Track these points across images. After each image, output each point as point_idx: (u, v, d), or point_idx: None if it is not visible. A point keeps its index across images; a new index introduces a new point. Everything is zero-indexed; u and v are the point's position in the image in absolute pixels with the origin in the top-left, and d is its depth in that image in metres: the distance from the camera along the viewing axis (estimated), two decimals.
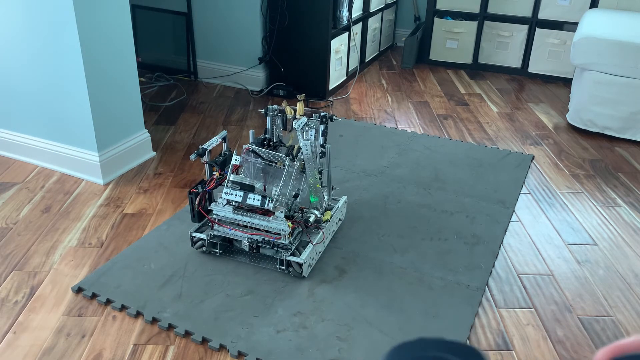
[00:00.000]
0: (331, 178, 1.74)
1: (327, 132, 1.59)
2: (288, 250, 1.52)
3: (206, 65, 3.15)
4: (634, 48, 2.45)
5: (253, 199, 1.48)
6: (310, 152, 1.52)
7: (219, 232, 1.57)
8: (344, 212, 1.82)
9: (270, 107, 1.68)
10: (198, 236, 1.60)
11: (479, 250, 1.70)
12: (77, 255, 1.63)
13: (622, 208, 2.01)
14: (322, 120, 1.63)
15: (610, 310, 1.49)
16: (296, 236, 1.57)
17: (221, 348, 1.31)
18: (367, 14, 3.40)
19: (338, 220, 1.76)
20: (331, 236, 1.72)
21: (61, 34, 1.85)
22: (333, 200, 1.79)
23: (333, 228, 1.72)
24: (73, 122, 2.00)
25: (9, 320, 1.38)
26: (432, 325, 1.39)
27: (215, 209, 1.54)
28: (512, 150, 2.44)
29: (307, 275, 1.54)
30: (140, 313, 1.40)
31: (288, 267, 1.53)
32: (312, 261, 1.57)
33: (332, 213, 1.68)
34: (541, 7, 3.36)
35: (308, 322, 1.39)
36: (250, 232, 1.52)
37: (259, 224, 1.51)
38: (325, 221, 1.64)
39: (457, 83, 3.36)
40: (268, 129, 1.70)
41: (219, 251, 1.61)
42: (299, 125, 1.55)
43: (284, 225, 1.48)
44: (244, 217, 1.51)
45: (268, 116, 1.68)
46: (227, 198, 1.50)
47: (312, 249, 1.54)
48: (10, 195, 1.93)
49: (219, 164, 1.60)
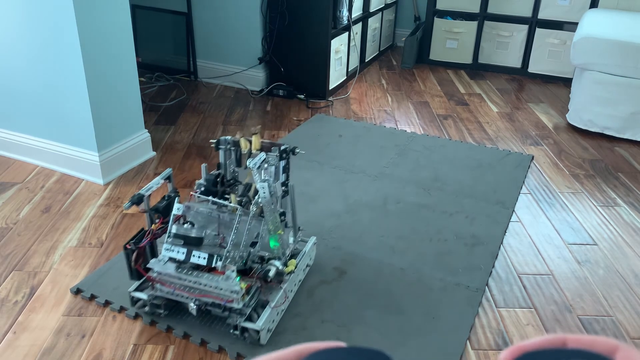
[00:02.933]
0: (297, 219, 1.51)
1: (289, 167, 1.40)
2: (242, 315, 1.29)
3: (206, 65, 3.15)
4: (634, 48, 2.45)
5: (198, 256, 1.25)
6: (268, 194, 1.29)
7: (162, 292, 1.33)
8: (312, 256, 1.59)
9: (223, 139, 1.46)
10: (138, 296, 1.38)
11: (479, 251, 1.70)
12: (77, 255, 1.63)
13: (622, 208, 2.01)
14: (282, 155, 1.40)
15: (610, 310, 1.49)
16: (253, 294, 1.31)
17: (220, 350, 1.31)
18: (367, 14, 3.40)
19: (306, 266, 1.54)
20: (297, 287, 1.48)
21: (61, 34, 1.85)
22: (300, 242, 1.55)
23: (300, 277, 1.50)
24: (73, 122, 2.00)
25: (9, 320, 1.38)
26: (431, 326, 1.39)
27: (155, 266, 1.29)
28: (512, 150, 2.44)
29: (266, 342, 1.32)
30: (138, 315, 1.40)
31: (243, 333, 1.31)
32: (273, 324, 1.34)
33: (297, 262, 1.43)
34: (541, 7, 3.36)
35: (307, 323, 1.38)
36: (198, 294, 1.28)
37: (207, 285, 1.26)
38: (289, 272, 1.38)
39: (457, 83, 3.35)
40: (221, 164, 1.48)
41: (164, 312, 1.38)
42: (255, 164, 1.32)
43: (236, 287, 1.24)
44: (189, 277, 1.27)
45: (220, 149, 1.47)
46: (167, 255, 1.28)
47: (271, 311, 1.31)
48: (10, 195, 1.94)
49: (160, 211, 1.38)
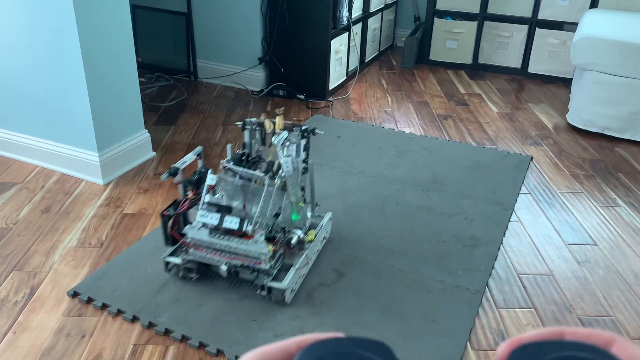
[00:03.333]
0: (315, 194, 1.66)
1: (309, 146, 1.53)
2: (269, 276, 1.43)
3: (206, 65, 3.15)
4: (634, 48, 2.45)
5: (230, 221, 1.38)
6: (291, 169, 1.43)
7: (195, 256, 1.46)
8: (329, 230, 1.72)
9: (248, 121, 1.58)
10: (172, 261, 1.50)
11: (478, 252, 1.70)
12: (77, 256, 1.63)
13: (622, 208, 2.01)
14: (304, 134, 1.53)
15: (610, 310, 1.49)
16: (278, 259, 1.46)
17: (218, 353, 1.30)
18: (367, 14, 3.40)
19: (323, 238, 1.68)
20: (315, 256, 1.62)
21: (61, 34, 1.85)
22: (317, 217, 1.69)
23: (318, 247, 1.63)
24: (73, 122, 2.00)
25: (9, 320, 1.38)
26: (431, 328, 1.39)
27: (189, 232, 1.43)
28: (511, 150, 2.44)
29: (290, 301, 1.44)
30: (136, 318, 1.39)
31: (269, 293, 1.44)
32: (295, 286, 1.48)
33: (316, 232, 1.58)
34: (541, 7, 3.36)
35: (306, 326, 1.38)
36: (228, 257, 1.41)
37: (237, 248, 1.40)
38: (309, 241, 1.54)
39: (457, 83, 3.35)
40: (246, 144, 1.60)
41: (195, 276, 1.51)
42: (279, 141, 1.44)
43: (264, 249, 1.38)
44: (220, 241, 1.40)
45: (246, 130, 1.59)
46: (202, 220, 1.40)
47: (294, 273, 1.45)
48: (10, 195, 1.94)
49: (193, 183, 1.50)
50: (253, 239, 1.38)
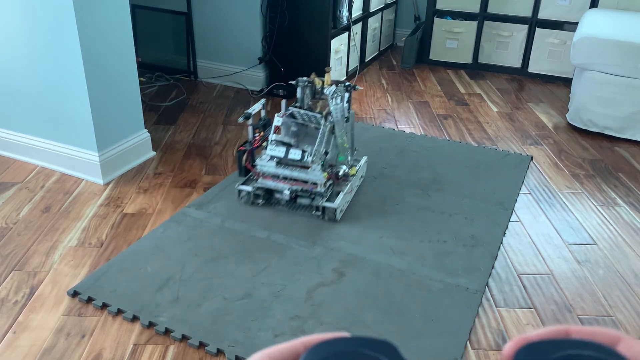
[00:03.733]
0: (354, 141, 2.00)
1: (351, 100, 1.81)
2: (324, 197, 1.79)
3: (206, 65, 3.15)
4: (634, 48, 2.44)
5: (294, 153, 1.75)
6: (339, 115, 1.77)
7: (263, 184, 1.82)
8: (364, 171, 2.09)
9: (300, 79, 1.88)
10: (244, 189, 1.85)
11: (478, 252, 1.70)
12: (77, 255, 1.63)
13: (622, 208, 2.01)
14: (347, 89, 1.88)
15: (610, 310, 1.49)
16: (328, 187, 1.82)
17: (219, 352, 1.30)
18: (367, 14, 3.40)
19: (360, 177, 2.04)
20: (355, 190, 1.98)
21: (61, 34, 1.85)
22: (355, 160, 2.04)
23: (357, 182, 1.99)
24: (73, 122, 2.00)
25: (9, 320, 1.38)
26: (430, 328, 1.39)
27: (260, 163, 1.80)
28: (512, 150, 2.44)
29: (340, 219, 1.80)
30: (136, 317, 1.39)
31: (323, 213, 1.79)
32: (343, 207, 1.85)
33: (357, 168, 1.95)
34: (541, 7, 3.36)
35: (306, 325, 1.38)
36: (291, 183, 1.78)
37: (298, 176, 1.77)
38: (352, 175, 1.90)
39: (457, 83, 3.35)
40: (299, 99, 1.88)
41: (262, 201, 1.86)
42: (330, 92, 1.78)
43: (320, 176, 1.75)
44: (284, 171, 1.78)
45: (299, 87, 1.87)
46: (271, 154, 1.77)
47: (343, 196, 1.82)
48: (10, 195, 1.94)
49: (260, 126, 1.88)
50: (311, 168, 1.74)
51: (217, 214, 1.84)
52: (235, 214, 1.84)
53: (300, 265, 1.60)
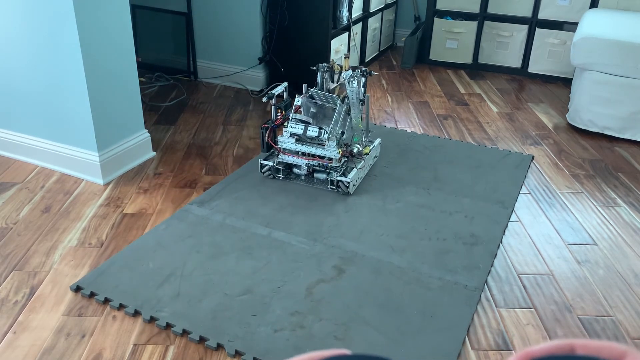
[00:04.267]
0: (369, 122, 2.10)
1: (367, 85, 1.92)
2: (338, 172, 1.94)
3: (206, 65, 3.15)
4: (634, 48, 2.45)
5: (312, 130, 1.89)
6: (355, 98, 1.91)
7: (283, 159, 1.99)
8: (378, 152, 2.22)
9: (320, 65, 2.04)
10: (266, 163, 2.02)
11: (478, 250, 1.70)
12: (77, 255, 1.63)
13: (622, 208, 2.01)
14: (363, 74, 2.02)
15: (610, 310, 1.49)
16: (343, 163, 1.97)
17: (219, 347, 1.31)
18: (367, 14, 3.40)
19: (374, 157, 2.18)
20: (369, 168, 2.12)
21: (61, 34, 1.85)
22: (369, 142, 2.16)
23: (370, 162, 2.14)
24: (73, 122, 2.00)
25: (9, 320, 1.38)
26: (429, 325, 1.39)
27: (281, 140, 1.96)
28: (512, 150, 2.44)
29: (352, 192, 1.95)
30: (138, 312, 1.40)
31: (337, 186, 1.93)
32: (357, 182, 1.99)
33: (370, 148, 2.09)
34: (541, 7, 3.36)
35: (306, 321, 1.39)
36: (309, 158, 1.95)
37: (315, 152, 1.93)
38: (366, 154, 2.05)
39: (457, 83, 3.35)
40: (318, 83, 2.05)
41: (282, 176, 2.02)
42: (347, 76, 1.92)
43: (335, 152, 1.90)
44: (303, 147, 1.94)
45: (319, 72, 2.04)
46: (291, 131, 1.91)
47: (356, 172, 1.96)
48: (10, 195, 1.94)
49: (282, 107, 2.05)
50: (327, 144, 1.89)
51: (219, 212, 1.84)
52: (236, 211, 1.84)
53: (301, 262, 1.60)
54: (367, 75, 2.04)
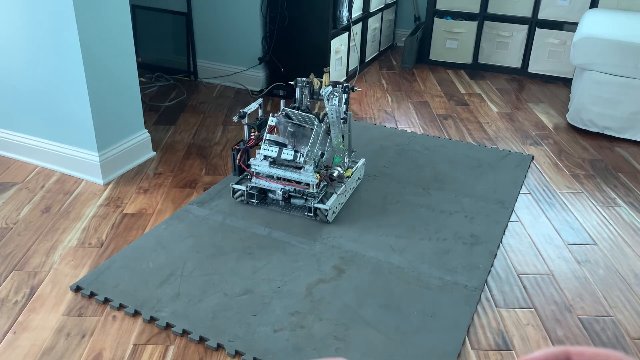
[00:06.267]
0: (352, 142, 1.98)
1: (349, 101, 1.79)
2: (316, 199, 1.78)
3: (206, 65, 3.15)
4: (634, 48, 2.45)
5: (287, 153, 1.74)
6: (335, 116, 1.75)
7: (257, 184, 1.83)
8: (362, 172, 2.06)
9: (299, 79, 1.89)
10: (238, 188, 1.86)
11: (478, 250, 1.70)
12: (77, 255, 1.63)
13: (622, 208, 2.01)
14: (345, 90, 1.87)
15: (610, 310, 1.49)
16: (322, 188, 1.82)
17: (218, 347, 1.31)
18: (367, 14, 3.40)
19: (357, 178, 2.02)
20: (352, 191, 1.97)
21: (61, 34, 1.85)
22: (353, 162, 2.02)
23: (353, 185, 1.98)
24: (73, 122, 2.00)
25: (9, 320, 1.38)
26: (429, 325, 1.39)
27: (253, 163, 1.80)
28: (512, 150, 2.44)
29: (332, 220, 1.79)
30: (138, 312, 1.40)
31: (315, 214, 1.78)
32: (336, 209, 1.83)
33: (352, 170, 1.94)
34: (541, 7, 3.36)
35: (305, 321, 1.39)
36: (284, 183, 1.79)
37: (291, 176, 1.77)
38: (347, 177, 1.90)
39: (457, 83, 3.35)
40: (297, 99, 1.90)
41: (256, 201, 1.86)
42: (326, 93, 1.76)
43: (312, 177, 1.74)
44: (278, 170, 1.78)
45: (297, 87, 1.89)
46: (264, 153, 1.76)
47: (336, 198, 1.80)
48: (10, 195, 1.94)
49: (256, 126, 1.89)
50: (304, 169, 1.73)
51: (219, 212, 1.84)
52: (236, 211, 1.84)
53: (301, 262, 1.60)
54: (349, 91, 1.88)
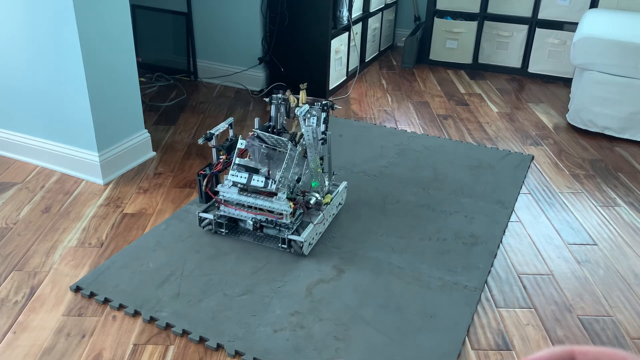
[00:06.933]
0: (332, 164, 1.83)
1: (328, 119, 1.67)
2: (289, 230, 1.61)
3: (206, 65, 3.15)
4: (634, 48, 2.45)
5: (257, 180, 1.59)
6: (311, 138, 1.60)
7: (225, 212, 1.66)
8: (344, 197, 1.90)
9: (275, 96, 1.74)
10: (205, 216, 1.70)
11: (478, 250, 1.70)
12: (77, 255, 1.63)
13: (622, 208, 2.01)
14: (324, 108, 1.69)
15: (610, 310, 1.49)
16: (297, 217, 1.65)
17: (218, 347, 1.31)
18: (367, 14, 3.40)
19: (338, 204, 1.85)
20: (331, 219, 1.80)
21: (61, 34, 1.85)
22: (334, 185, 1.85)
23: (333, 211, 1.80)
24: (73, 122, 2.00)
25: (9, 320, 1.38)
26: (429, 325, 1.39)
27: (221, 190, 1.64)
28: (512, 150, 2.44)
29: (307, 253, 1.63)
30: (138, 312, 1.41)
31: (289, 246, 1.61)
32: (313, 240, 1.66)
33: (332, 196, 1.76)
34: (541, 7, 3.36)
35: (305, 321, 1.39)
36: (255, 212, 1.62)
37: (262, 205, 1.60)
38: (326, 204, 1.72)
39: (457, 83, 3.35)
40: (272, 117, 1.76)
41: (225, 231, 1.70)
42: (301, 112, 1.60)
43: (285, 206, 1.57)
44: (248, 198, 1.61)
45: (272, 104, 1.75)
46: (232, 180, 1.61)
47: (312, 228, 1.63)
48: (10, 195, 1.94)
49: (225, 148, 1.71)
50: (276, 196, 1.57)
51: None
52: None
53: (300, 262, 1.60)
54: (328, 110, 1.70)
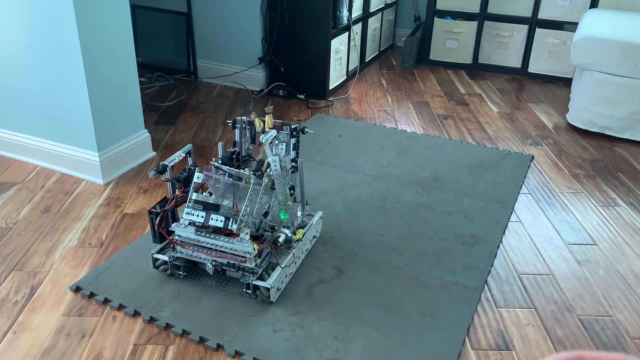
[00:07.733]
0: (304, 193, 1.64)
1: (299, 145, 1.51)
2: (254, 274, 1.43)
3: (206, 65, 3.15)
4: (634, 48, 2.45)
5: (216, 219, 1.39)
6: (279, 167, 1.42)
7: (182, 254, 1.46)
8: (319, 229, 1.72)
9: (239, 119, 1.59)
10: (160, 258, 1.51)
11: (478, 250, 1.70)
12: (77, 255, 1.63)
13: (622, 208, 2.01)
14: (293, 133, 1.52)
15: (610, 310, 1.49)
16: (264, 257, 1.46)
17: (218, 347, 1.31)
18: (367, 14, 3.40)
19: (312, 237, 1.67)
20: (304, 255, 1.62)
21: (61, 34, 1.85)
22: (308, 215, 1.69)
23: (307, 247, 1.62)
24: (73, 122, 2.00)
25: (9, 320, 1.38)
26: (429, 325, 1.39)
27: (176, 229, 1.43)
28: (512, 150, 2.44)
29: (275, 300, 1.45)
30: (138, 312, 1.41)
31: (255, 292, 1.44)
32: (282, 285, 1.48)
33: (304, 231, 1.58)
34: (541, 7, 3.36)
35: (305, 321, 1.39)
36: (215, 255, 1.42)
37: (223, 246, 1.40)
38: (297, 240, 1.53)
39: (457, 83, 3.35)
40: (237, 142, 1.61)
41: (183, 273, 1.52)
42: (267, 140, 1.42)
43: (249, 248, 1.38)
44: (206, 239, 1.41)
45: (236, 128, 1.60)
46: (189, 219, 1.41)
47: (280, 272, 1.44)
48: (10, 195, 1.94)
49: (181, 181, 1.49)
50: (238, 237, 1.39)
51: None
52: None
53: (301, 262, 1.60)
54: (298, 135, 1.53)
